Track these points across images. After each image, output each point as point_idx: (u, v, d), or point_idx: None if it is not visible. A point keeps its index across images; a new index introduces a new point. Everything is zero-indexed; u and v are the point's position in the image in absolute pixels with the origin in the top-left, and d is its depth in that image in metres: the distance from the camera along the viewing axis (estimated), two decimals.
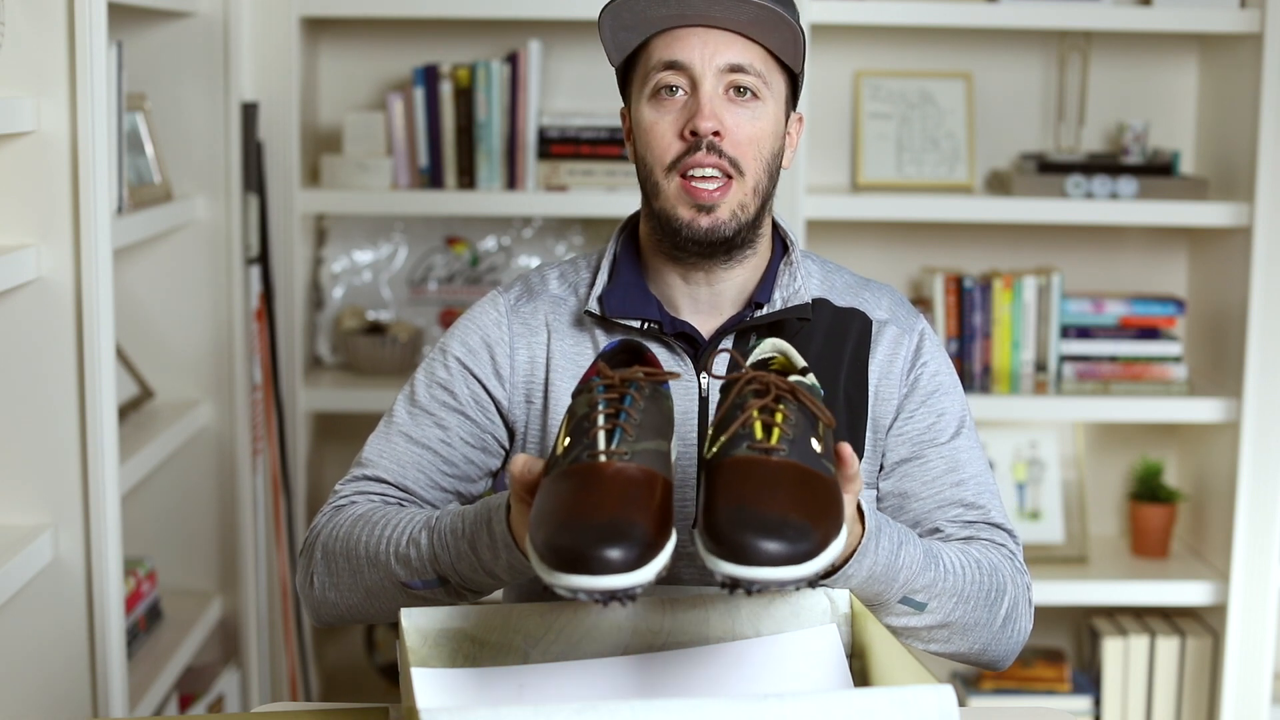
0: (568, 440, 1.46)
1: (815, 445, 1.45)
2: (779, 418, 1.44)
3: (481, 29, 3.22)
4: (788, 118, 1.79)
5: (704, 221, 1.73)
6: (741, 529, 1.34)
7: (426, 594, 1.66)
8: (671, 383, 1.77)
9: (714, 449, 1.45)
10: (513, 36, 3.20)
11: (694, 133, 1.71)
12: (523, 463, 1.48)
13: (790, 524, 1.34)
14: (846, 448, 1.48)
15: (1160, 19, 3.03)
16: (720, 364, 1.77)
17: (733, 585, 1.34)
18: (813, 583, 1.58)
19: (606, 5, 1.72)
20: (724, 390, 1.49)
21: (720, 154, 1.71)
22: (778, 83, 1.75)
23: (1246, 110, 3.03)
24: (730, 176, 1.72)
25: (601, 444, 1.42)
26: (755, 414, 1.44)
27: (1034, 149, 3.28)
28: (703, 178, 1.72)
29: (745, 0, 1.67)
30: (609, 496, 1.37)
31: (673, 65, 1.72)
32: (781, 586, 1.34)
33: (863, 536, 1.57)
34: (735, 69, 1.71)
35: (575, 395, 1.50)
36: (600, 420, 1.44)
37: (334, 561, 1.73)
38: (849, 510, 1.48)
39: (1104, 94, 3.28)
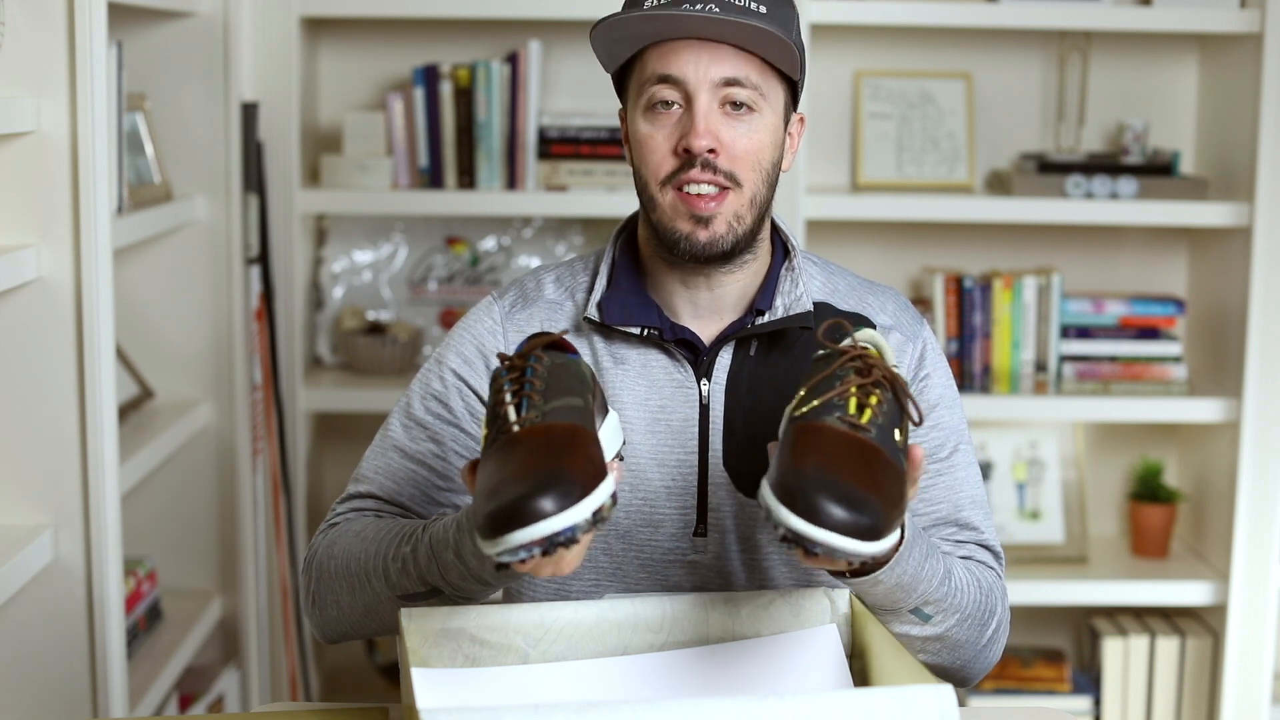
0: (486, 431, 1.50)
1: (897, 436, 1.48)
2: (874, 400, 1.47)
3: (481, 29, 3.22)
4: (787, 122, 1.77)
5: (701, 235, 1.72)
6: (818, 489, 1.37)
7: (422, 605, 1.66)
8: (671, 389, 1.77)
9: (804, 409, 1.46)
10: (513, 36, 3.20)
11: (688, 150, 1.69)
12: (466, 469, 1.52)
13: (867, 501, 1.38)
14: (919, 451, 1.50)
15: (1160, 19, 3.03)
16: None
17: (793, 540, 1.37)
18: (850, 572, 1.57)
19: (597, 24, 1.70)
20: (824, 356, 1.51)
21: (715, 170, 1.70)
22: (775, 92, 1.73)
23: (1246, 110, 3.03)
24: (726, 188, 1.71)
25: (512, 416, 1.46)
26: (854, 389, 1.47)
27: (1034, 149, 3.28)
28: (698, 194, 1.71)
29: (738, 22, 1.65)
30: (528, 455, 1.41)
31: (666, 79, 1.70)
32: (839, 556, 1.37)
33: (900, 543, 1.57)
34: (730, 83, 1.69)
35: (488, 397, 1.54)
36: (507, 398, 1.49)
37: (332, 580, 1.72)
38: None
39: (1104, 94, 3.28)
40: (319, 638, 1.79)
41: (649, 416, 1.76)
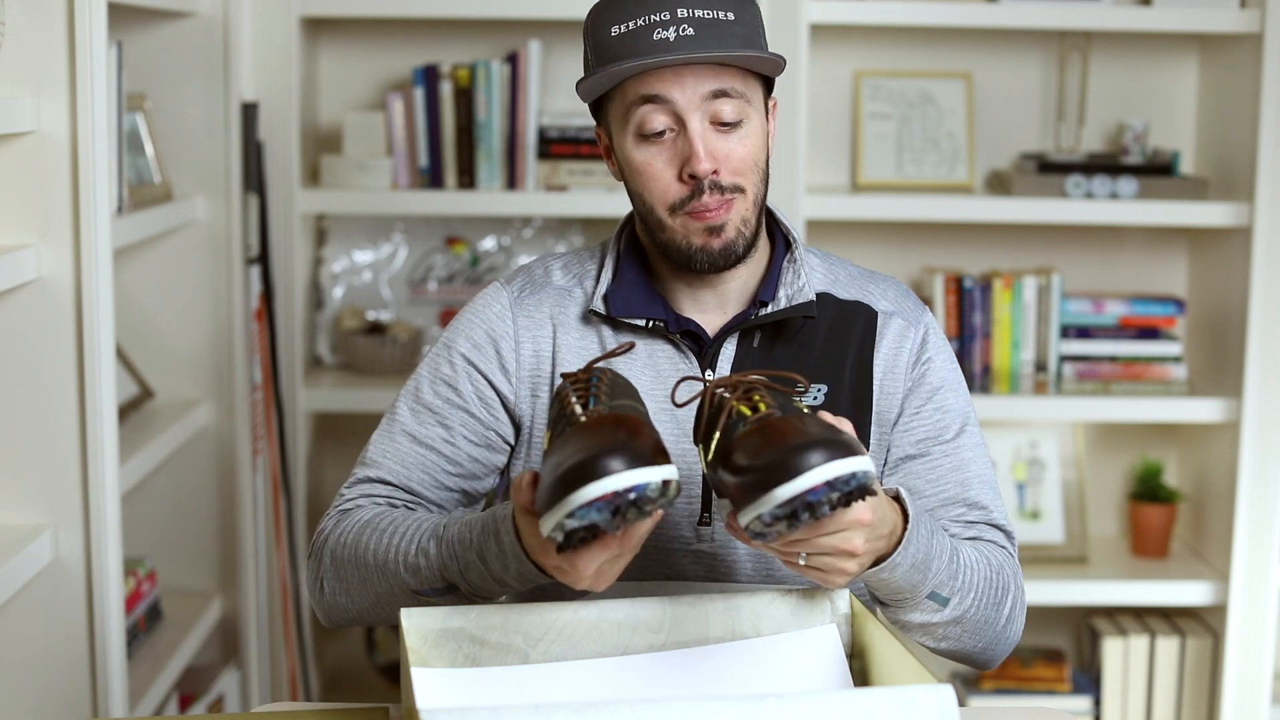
0: (549, 433, 1.51)
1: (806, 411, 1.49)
2: (757, 397, 1.48)
3: (481, 29, 3.22)
4: (768, 112, 1.78)
5: (716, 244, 1.74)
6: (780, 455, 1.37)
7: (437, 600, 1.66)
8: (676, 379, 1.77)
9: (714, 449, 1.46)
10: (513, 36, 3.20)
11: (693, 175, 1.71)
12: (517, 480, 1.51)
13: (818, 436, 1.38)
14: (827, 415, 1.50)
15: (1160, 19, 3.03)
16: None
17: (795, 511, 1.37)
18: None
19: (583, 80, 1.72)
20: (698, 412, 1.53)
21: (722, 189, 1.72)
22: (756, 92, 1.75)
23: (1246, 110, 3.03)
24: (732, 198, 1.73)
25: (579, 410, 1.47)
26: (735, 403, 1.48)
27: (1034, 149, 3.28)
28: (707, 209, 1.72)
29: (715, 55, 1.67)
30: (595, 434, 1.41)
31: (652, 99, 1.71)
32: (837, 489, 1.36)
33: (906, 524, 1.57)
34: (718, 95, 1.70)
35: (550, 411, 1.55)
36: (574, 399, 1.50)
37: (343, 568, 1.72)
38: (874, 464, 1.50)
39: (1104, 94, 3.28)
40: (323, 621, 1.79)
41: (655, 407, 1.77)
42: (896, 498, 1.59)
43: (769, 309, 1.80)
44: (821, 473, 1.36)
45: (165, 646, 2.68)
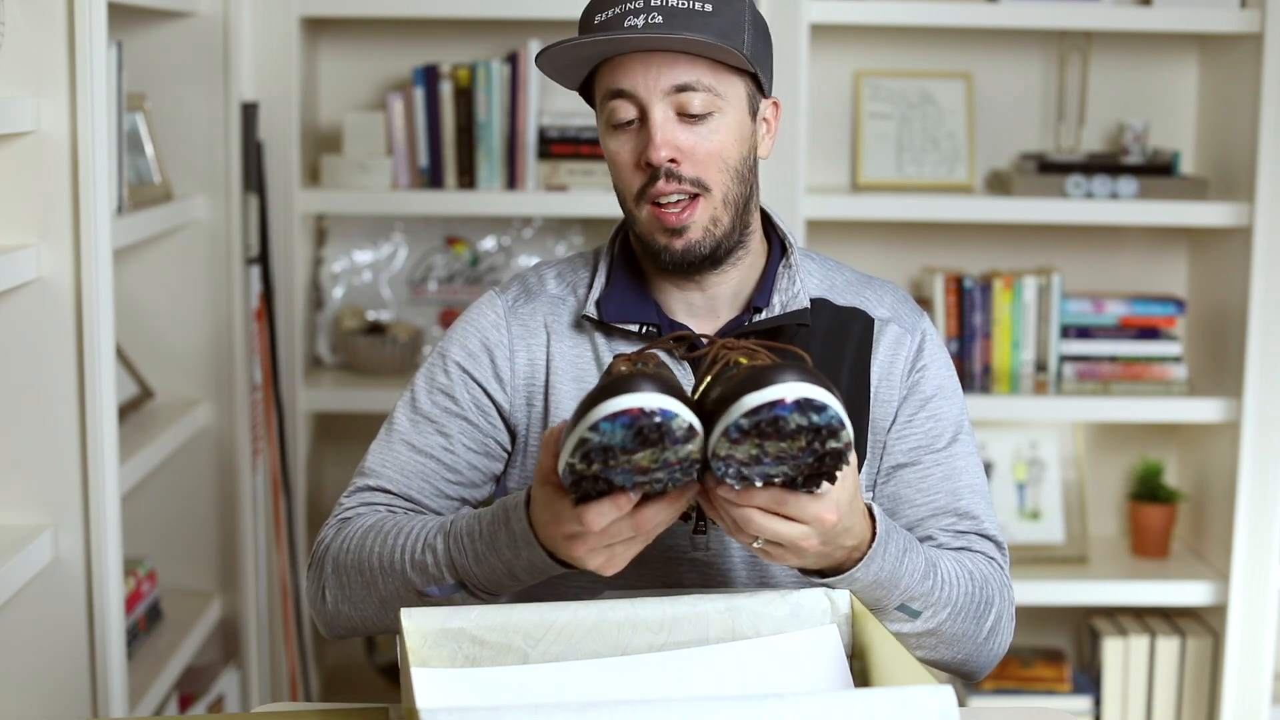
0: None
1: None
2: (759, 360, 1.47)
3: (481, 29, 3.22)
4: (755, 112, 1.76)
5: (678, 244, 1.73)
6: (753, 374, 1.36)
7: (443, 600, 1.65)
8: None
9: (700, 390, 1.47)
10: (513, 36, 3.20)
11: (649, 163, 1.70)
12: (547, 434, 1.49)
13: (799, 367, 1.37)
14: None
15: (1160, 19, 3.03)
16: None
17: (762, 425, 1.34)
18: (824, 570, 1.57)
19: (539, 54, 1.70)
20: (701, 360, 1.51)
21: (681, 179, 1.70)
22: (734, 88, 1.72)
23: (1246, 110, 3.04)
24: (696, 195, 1.72)
25: (624, 370, 1.46)
26: (735, 356, 1.48)
27: (1034, 149, 3.28)
28: (669, 203, 1.72)
29: (680, 37, 1.65)
30: (638, 380, 1.39)
31: (619, 94, 1.71)
32: (808, 415, 1.34)
33: (873, 540, 1.56)
34: (682, 89, 1.69)
35: (599, 382, 1.54)
36: (622, 368, 1.49)
37: (346, 574, 1.72)
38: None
39: (1104, 94, 3.28)
40: (324, 633, 1.78)
41: None
42: (870, 513, 1.59)
43: (763, 315, 1.79)
44: (793, 389, 1.34)
45: (165, 646, 2.68)
